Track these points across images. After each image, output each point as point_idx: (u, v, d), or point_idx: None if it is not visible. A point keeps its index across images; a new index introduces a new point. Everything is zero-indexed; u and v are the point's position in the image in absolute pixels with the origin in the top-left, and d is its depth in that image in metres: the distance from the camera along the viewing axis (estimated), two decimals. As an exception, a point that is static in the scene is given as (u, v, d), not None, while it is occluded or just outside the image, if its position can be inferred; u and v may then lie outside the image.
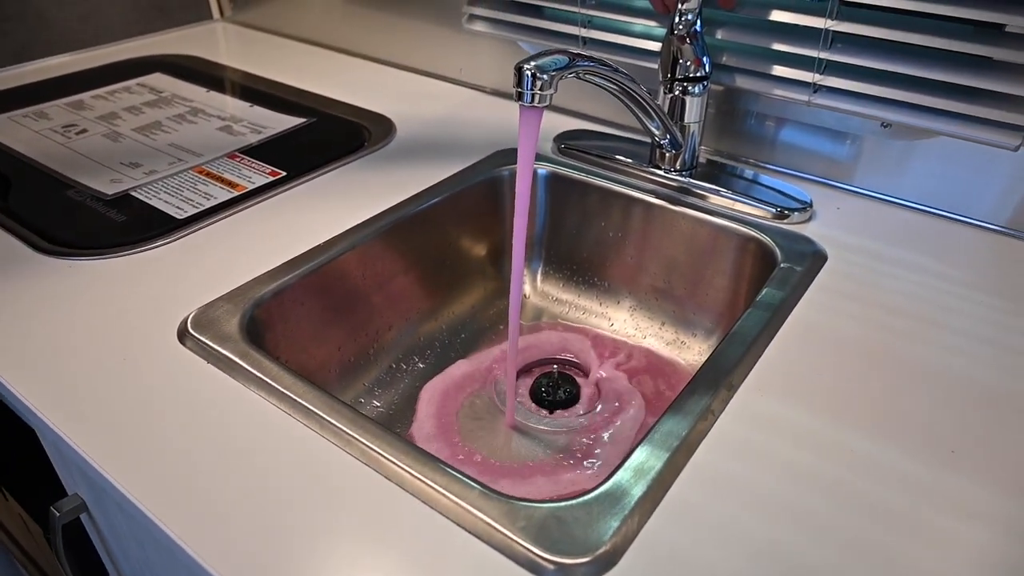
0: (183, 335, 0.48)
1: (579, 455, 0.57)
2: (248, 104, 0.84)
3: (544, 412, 0.62)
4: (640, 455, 0.39)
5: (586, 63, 0.47)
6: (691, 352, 0.67)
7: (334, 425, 0.41)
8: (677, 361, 0.67)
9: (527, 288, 0.75)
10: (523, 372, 0.66)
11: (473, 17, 0.83)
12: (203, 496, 0.37)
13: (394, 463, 0.39)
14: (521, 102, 0.45)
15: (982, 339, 0.49)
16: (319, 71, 0.96)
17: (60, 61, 0.98)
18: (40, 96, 0.86)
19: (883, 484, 0.38)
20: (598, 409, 0.62)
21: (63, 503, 0.49)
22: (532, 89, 0.44)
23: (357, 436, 0.40)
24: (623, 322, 0.71)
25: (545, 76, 0.44)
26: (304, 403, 0.42)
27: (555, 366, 0.67)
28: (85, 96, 0.86)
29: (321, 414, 0.42)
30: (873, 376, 0.46)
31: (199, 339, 0.47)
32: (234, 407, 0.43)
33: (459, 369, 0.65)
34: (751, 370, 0.46)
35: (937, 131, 0.60)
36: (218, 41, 1.08)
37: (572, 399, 0.63)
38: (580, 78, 0.49)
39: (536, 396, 0.63)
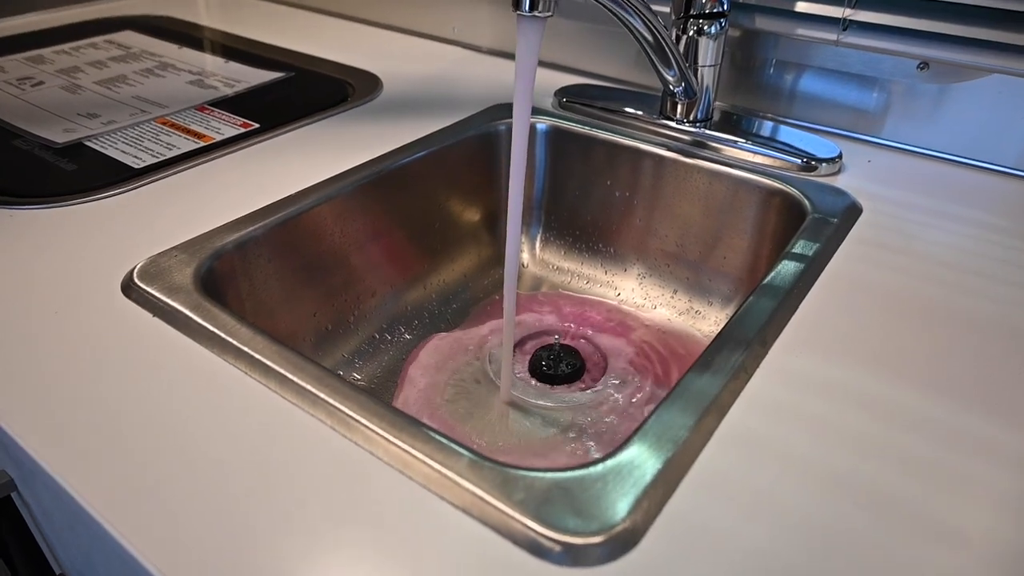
0: (127, 286, 0.42)
1: (590, 432, 0.51)
2: (224, 60, 0.78)
3: (545, 387, 0.55)
4: (662, 417, 0.33)
5: (594, -28, 0.41)
6: (707, 322, 0.61)
7: (297, 384, 0.35)
8: (692, 332, 0.61)
9: (525, 257, 0.69)
10: (519, 345, 0.60)
11: (466, -35, 0.77)
12: (139, 475, 0.31)
13: (367, 427, 0.32)
14: (519, 10, 0.38)
15: (1047, 292, 0.43)
16: (305, 32, 0.89)
17: (25, 20, 0.92)
18: (-2, 51, 0.79)
19: (938, 444, 0.32)
20: (606, 383, 0.55)
21: (-10, 481, 0.42)
22: (532, -7, 0.37)
23: (325, 396, 0.34)
24: (631, 291, 0.65)
25: (547, -21, 0.37)
26: (262, 359, 0.36)
27: (556, 336, 0.60)
28: (46, 51, 0.79)
29: (282, 371, 0.35)
30: (922, 330, 0.39)
31: (145, 290, 0.41)
32: (182, 366, 0.36)
33: (446, 340, 0.59)
34: (786, 325, 0.40)
35: (983, 68, 0.53)
36: (197, 3, 1.01)
37: (576, 373, 0.57)
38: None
39: (536, 370, 0.57)
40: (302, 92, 0.69)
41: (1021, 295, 0.42)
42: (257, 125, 0.62)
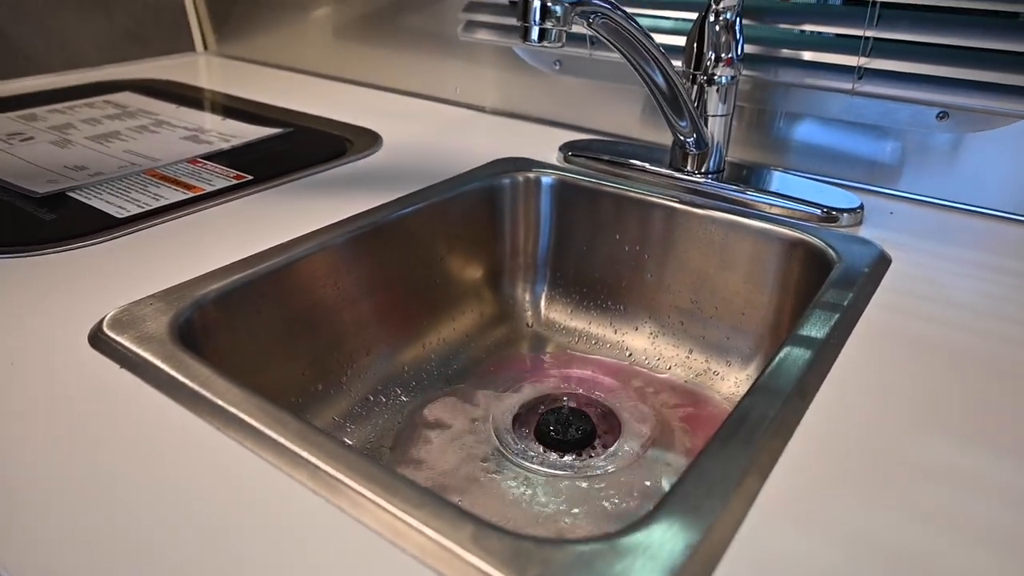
0: (95, 336, 0.38)
1: (603, 504, 0.46)
2: (221, 118, 0.76)
3: (555, 455, 0.51)
4: (692, 482, 0.28)
5: (605, 4, 0.39)
6: (726, 383, 0.56)
7: (276, 441, 0.30)
8: (711, 395, 0.56)
9: (529, 316, 0.65)
10: (524, 409, 0.56)
11: (471, 24, 0.76)
12: (83, 543, 0.26)
13: (355, 490, 0.28)
14: (528, 41, 0.36)
15: (1108, 343, 0.39)
16: (306, 93, 0.89)
17: (25, 84, 0.91)
18: (-9, 110, 0.78)
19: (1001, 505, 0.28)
20: (620, 448, 0.51)
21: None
22: (541, 22, 0.35)
23: (307, 455, 0.29)
24: (642, 352, 0.61)
25: (556, 8, 0.35)
26: (239, 413, 0.32)
27: (565, 399, 0.56)
28: (40, 110, 0.78)
29: (261, 427, 0.31)
30: (970, 381, 0.35)
31: (113, 339, 0.37)
32: (149, 420, 0.32)
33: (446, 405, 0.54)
34: (826, 376, 0.36)
35: (1009, 114, 0.51)
36: (200, 70, 1.01)
37: (587, 438, 0.52)
38: (591, 26, 0.41)
39: (543, 436, 0.52)
40: (300, 147, 0.67)
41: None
42: (251, 177, 0.59)
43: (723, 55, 0.53)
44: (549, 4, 0.35)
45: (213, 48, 1.11)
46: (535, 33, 0.36)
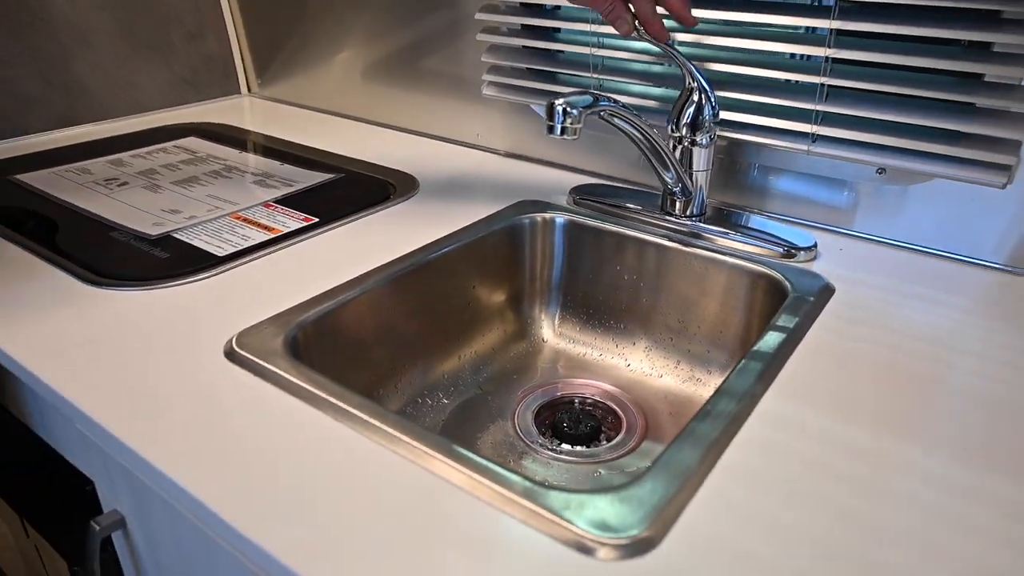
0: (230, 353, 0.51)
1: (614, 481, 0.59)
2: (279, 163, 0.89)
3: (567, 445, 0.63)
4: (674, 454, 0.41)
5: (608, 103, 0.52)
6: (707, 388, 0.69)
7: (378, 427, 0.43)
8: (695, 399, 0.69)
9: (545, 332, 0.78)
10: (542, 409, 0.68)
11: (492, 84, 0.89)
12: (259, 491, 0.39)
13: (439, 459, 0.41)
14: (552, 134, 0.49)
15: (986, 357, 0.52)
16: (342, 136, 1.02)
17: (100, 127, 1.04)
18: (83, 155, 0.91)
19: (873, 465, 0.40)
20: (623, 439, 0.63)
21: (102, 518, 0.50)
22: (562, 122, 0.48)
23: (401, 435, 0.42)
24: (639, 362, 0.73)
25: (574, 111, 0.49)
26: (349, 408, 0.44)
27: (576, 401, 0.69)
28: (124, 155, 0.91)
29: (367, 417, 0.44)
30: (880, 384, 0.48)
31: (245, 356, 0.50)
32: (281, 413, 0.45)
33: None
34: (772, 381, 0.48)
35: (929, 173, 0.64)
36: (245, 112, 1.15)
37: (594, 432, 0.65)
38: (602, 118, 0.54)
39: (558, 431, 0.65)
40: (351, 189, 0.80)
41: (972, 361, 0.51)
42: (316, 219, 0.72)
43: (701, 123, 0.67)
44: (569, 109, 0.48)
45: (256, 91, 1.25)
46: (558, 130, 0.49)
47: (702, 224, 0.70)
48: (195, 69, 1.15)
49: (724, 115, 0.73)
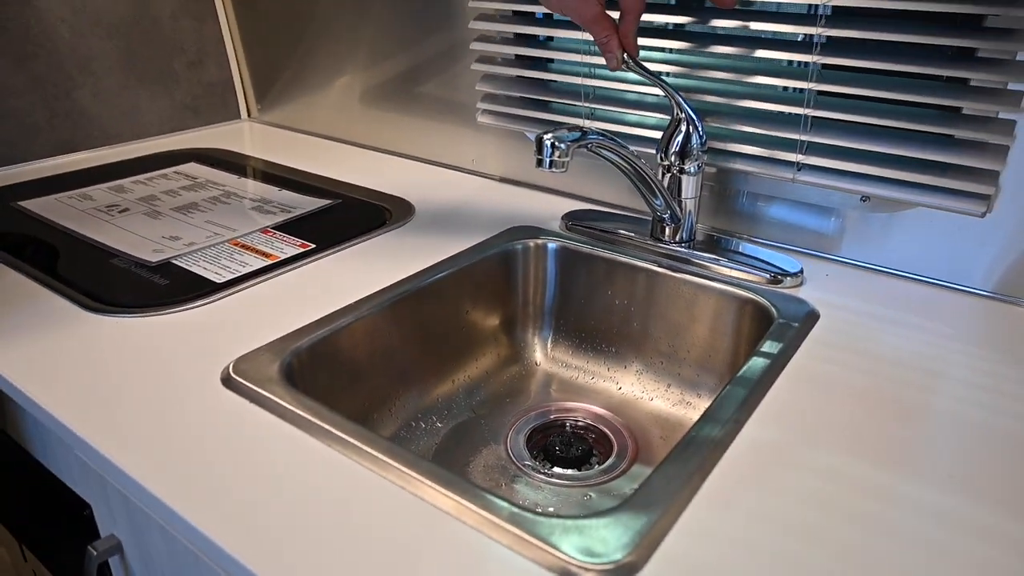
0: (227, 380, 0.52)
1: (604, 503, 0.60)
2: (277, 188, 0.91)
3: (559, 468, 0.64)
4: (657, 479, 0.42)
5: (596, 136, 0.54)
6: (697, 411, 0.70)
7: (370, 453, 0.44)
8: (685, 422, 0.70)
9: (538, 356, 0.79)
10: (535, 433, 0.69)
11: (487, 112, 0.91)
12: (253, 518, 0.40)
13: (430, 486, 0.42)
14: (540, 168, 0.51)
15: (969, 383, 0.53)
16: (339, 161, 1.04)
17: (102, 153, 1.06)
18: (84, 181, 0.93)
19: (882, 503, 0.41)
20: (613, 462, 0.64)
21: (99, 543, 0.50)
22: (551, 156, 0.50)
23: (391, 462, 0.43)
24: (630, 385, 0.75)
25: (562, 145, 0.50)
26: (341, 434, 0.45)
27: (568, 424, 0.70)
28: (125, 181, 0.93)
29: (357, 443, 0.45)
30: (861, 410, 0.49)
31: (241, 383, 0.51)
32: (277, 439, 0.46)
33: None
34: (756, 408, 0.49)
35: (911, 202, 0.66)
36: (245, 137, 1.17)
37: (585, 455, 0.66)
38: (590, 150, 0.56)
39: (549, 454, 0.66)
40: (348, 215, 0.82)
41: (954, 386, 0.53)
42: (313, 245, 0.74)
43: (689, 151, 0.68)
44: (557, 143, 0.50)
45: (255, 115, 1.27)
46: (547, 164, 0.50)
47: (692, 250, 0.72)
48: (196, 95, 1.18)
49: (712, 144, 0.74)
